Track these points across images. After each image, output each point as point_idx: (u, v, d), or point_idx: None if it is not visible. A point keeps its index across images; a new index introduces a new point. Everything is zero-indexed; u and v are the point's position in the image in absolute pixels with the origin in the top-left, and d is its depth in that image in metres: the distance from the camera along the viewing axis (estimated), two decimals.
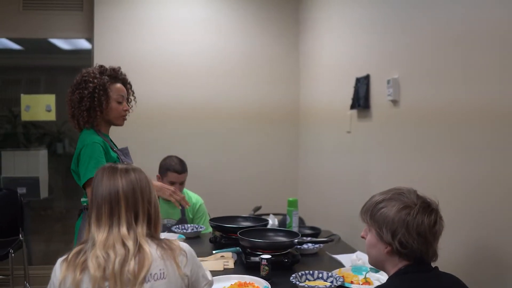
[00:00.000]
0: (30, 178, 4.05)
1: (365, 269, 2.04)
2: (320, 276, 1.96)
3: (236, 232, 2.31)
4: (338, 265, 2.22)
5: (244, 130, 4.17)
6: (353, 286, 1.91)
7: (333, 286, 1.86)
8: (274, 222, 2.77)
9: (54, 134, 4.71)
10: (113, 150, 2.21)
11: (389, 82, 2.36)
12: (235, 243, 2.36)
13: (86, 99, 2.15)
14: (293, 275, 1.91)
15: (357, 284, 1.93)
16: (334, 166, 3.29)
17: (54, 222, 4.75)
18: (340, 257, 2.34)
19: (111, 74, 2.24)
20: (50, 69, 4.88)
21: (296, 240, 2.20)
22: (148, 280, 1.33)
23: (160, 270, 1.35)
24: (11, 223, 3.55)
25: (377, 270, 1.93)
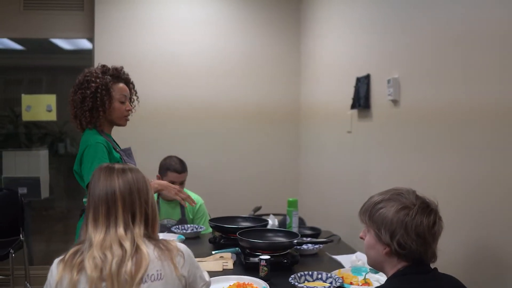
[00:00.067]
0: (31, 178, 4.05)
1: (364, 270, 2.04)
2: (319, 277, 1.95)
3: (235, 232, 2.29)
4: (338, 265, 2.21)
5: (244, 130, 4.16)
6: (352, 287, 1.90)
7: (332, 287, 1.85)
8: (274, 223, 2.76)
9: (55, 134, 4.71)
10: (116, 150, 2.20)
11: (389, 81, 2.36)
12: (235, 244, 2.35)
13: (89, 99, 2.12)
14: (292, 276, 1.91)
15: (356, 285, 1.92)
16: (335, 166, 3.28)
17: (55, 222, 4.76)
18: (340, 257, 2.33)
19: (114, 74, 2.21)
20: (52, 69, 4.89)
21: (295, 240, 2.19)
22: (145, 281, 1.32)
23: (157, 271, 1.35)
24: (12, 223, 3.55)
25: (376, 271, 1.92)
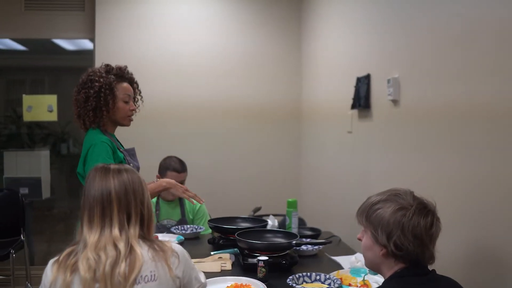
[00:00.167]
0: (32, 178, 4.06)
1: (364, 271, 2.02)
2: (317, 278, 1.93)
3: (234, 233, 2.27)
4: (337, 267, 2.19)
5: (244, 130, 4.15)
6: None
7: None
8: (274, 223, 2.74)
9: (58, 134, 4.73)
10: (119, 150, 2.18)
11: (389, 81, 2.34)
12: (234, 244, 2.33)
13: (92, 99, 2.10)
14: (290, 277, 1.89)
15: (355, 286, 1.91)
16: (336, 166, 3.26)
17: (56, 222, 4.76)
18: (339, 259, 2.31)
19: (118, 73, 2.19)
20: (54, 69, 4.90)
21: (294, 241, 2.16)
22: (138, 282, 1.31)
23: (151, 272, 1.34)
24: (13, 224, 3.55)
25: (376, 273, 1.91)
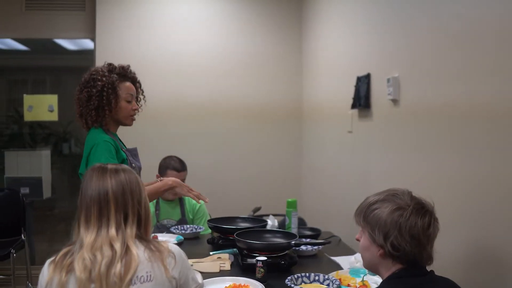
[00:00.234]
0: (33, 178, 4.06)
1: (363, 271, 2.01)
2: (316, 278, 1.92)
3: (233, 233, 2.26)
4: (336, 267, 2.18)
5: (245, 130, 4.14)
6: None
7: None
8: (274, 223, 2.73)
9: (59, 134, 4.73)
10: (122, 150, 2.17)
11: (389, 81, 2.33)
12: (233, 245, 2.32)
13: (95, 98, 2.08)
14: (288, 278, 1.88)
15: (354, 287, 1.90)
16: (336, 166, 3.25)
17: (57, 222, 4.76)
18: (339, 259, 2.30)
19: (120, 73, 2.18)
20: (56, 69, 4.91)
21: (293, 241, 2.15)
22: (134, 282, 1.31)
23: (146, 272, 1.33)
24: (13, 223, 3.55)
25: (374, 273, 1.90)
